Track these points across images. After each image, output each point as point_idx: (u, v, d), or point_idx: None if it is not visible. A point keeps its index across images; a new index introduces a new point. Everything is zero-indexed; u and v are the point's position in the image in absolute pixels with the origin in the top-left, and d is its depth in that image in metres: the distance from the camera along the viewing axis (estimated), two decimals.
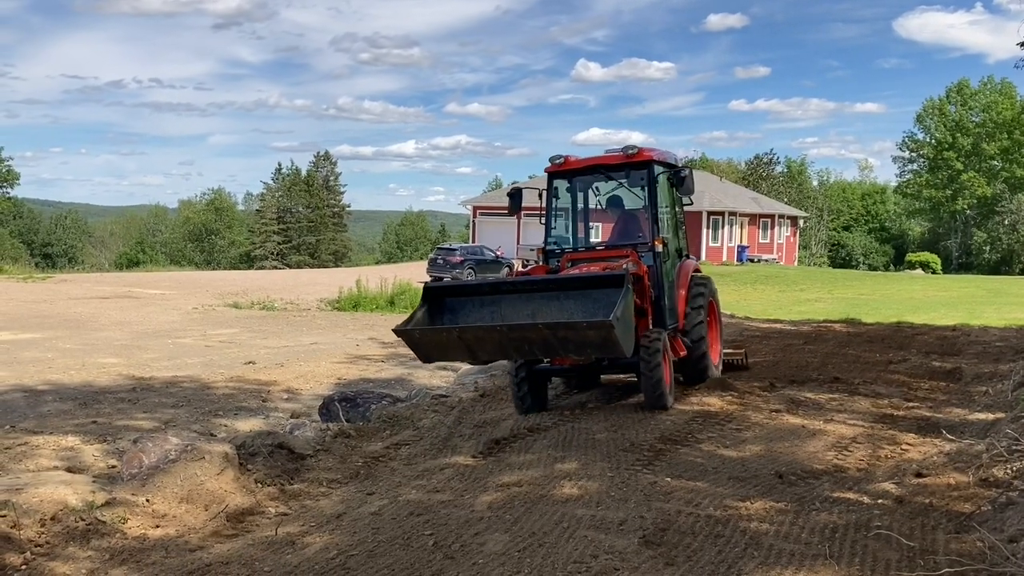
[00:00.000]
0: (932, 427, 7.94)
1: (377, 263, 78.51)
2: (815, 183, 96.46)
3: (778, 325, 18.22)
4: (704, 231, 54.10)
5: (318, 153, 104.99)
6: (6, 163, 55.96)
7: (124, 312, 23.80)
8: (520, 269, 10.23)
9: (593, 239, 11.04)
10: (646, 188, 9.87)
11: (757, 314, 21.79)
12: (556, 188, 10.28)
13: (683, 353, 9.76)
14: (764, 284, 38.70)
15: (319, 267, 76.52)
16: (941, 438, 7.44)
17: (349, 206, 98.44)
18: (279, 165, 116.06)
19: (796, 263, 64.72)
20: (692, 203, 10.45)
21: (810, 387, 10.14)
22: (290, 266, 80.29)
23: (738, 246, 56.02)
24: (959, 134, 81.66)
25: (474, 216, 59.84)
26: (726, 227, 55.77)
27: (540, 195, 10.23)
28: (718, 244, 55.14)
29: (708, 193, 56.31)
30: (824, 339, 15.01)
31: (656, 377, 8.63)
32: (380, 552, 5.24)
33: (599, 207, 10.69)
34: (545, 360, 9.11)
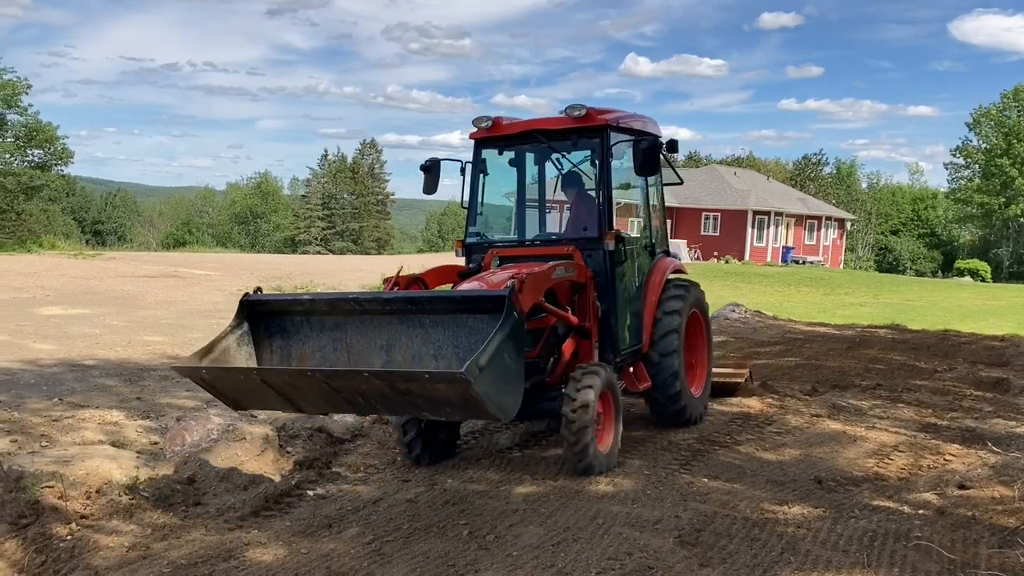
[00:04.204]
0: (977, 438, 7.79)
1: (419, 251, 78.90)
2: (864, 185, 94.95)
3: (821, 328, 17.96)
4: (749, 230, 53.61)
5: (364, 141, 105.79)
6: (61, 141, 56.79)
7: (170, 291, 24.18)
8: (404, 274, 6.92)
9: (548, 229, 8.28)
10: (598, 163, 7.34)
11: (800, 317, 21.53)
12: (484, 161, 7.81)
13: (645, 386, 7.65)
14: (808, 286, 38.16)
15: (362, 253, 77.13)
16: (986, 450, 7.31)
17: (393, 194, 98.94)
18: (325, 151, 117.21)
19: (842, 266, 63.75)
20: (682, 181, 8.29)
21: (852, 392, 10.00)
22: (333, 252, 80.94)
23: (783, 247, 55.37)
24: (1015, 140, 79.67)
25: None
26: (771, 227, 55.16)
27: (462, 169, 7.80)
28: (763, 244, 54.57)
29: (755, 192, 55.79)
30: (868, 344, 14.78)
31: (579, 442, 6.26)
32: (415, 539, 5.28)
33: (554, 185, 8.17)
34: None
